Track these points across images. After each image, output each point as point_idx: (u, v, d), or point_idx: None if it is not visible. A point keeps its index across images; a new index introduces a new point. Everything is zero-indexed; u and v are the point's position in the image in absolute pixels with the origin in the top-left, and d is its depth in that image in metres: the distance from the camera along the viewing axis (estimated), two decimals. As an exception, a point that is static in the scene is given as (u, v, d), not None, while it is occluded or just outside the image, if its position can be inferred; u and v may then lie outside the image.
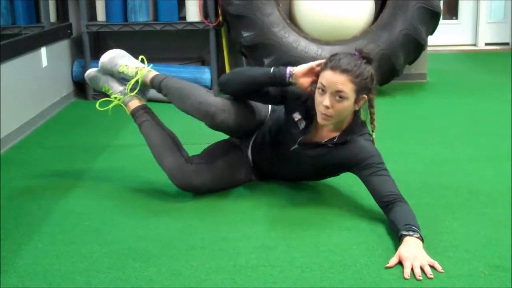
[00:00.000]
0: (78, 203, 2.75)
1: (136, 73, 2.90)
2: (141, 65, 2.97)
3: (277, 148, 2.77)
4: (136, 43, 5.12)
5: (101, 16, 4.98)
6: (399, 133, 3.82)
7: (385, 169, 2.51)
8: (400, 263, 2.12)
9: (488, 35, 7.33)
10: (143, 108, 2.91)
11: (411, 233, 2.20)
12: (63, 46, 4.79)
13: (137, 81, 2.89)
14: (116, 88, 2.96)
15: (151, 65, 2.99)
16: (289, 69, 2.58)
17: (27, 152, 3.57)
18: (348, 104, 2.48)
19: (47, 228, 2.48)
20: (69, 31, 4.87)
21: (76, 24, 4.98)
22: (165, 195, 2.80)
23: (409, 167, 3.13)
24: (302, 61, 4.65)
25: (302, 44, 4.66)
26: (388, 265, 2.12)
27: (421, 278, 2.03)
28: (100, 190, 2.90)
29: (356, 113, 2.59)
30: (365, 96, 2.52)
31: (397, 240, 2.24)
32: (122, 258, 2.20)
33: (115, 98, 2.93)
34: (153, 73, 2.92)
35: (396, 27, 4.66)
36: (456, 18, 7.41)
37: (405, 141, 3.64)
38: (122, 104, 2.93)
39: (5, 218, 2.57)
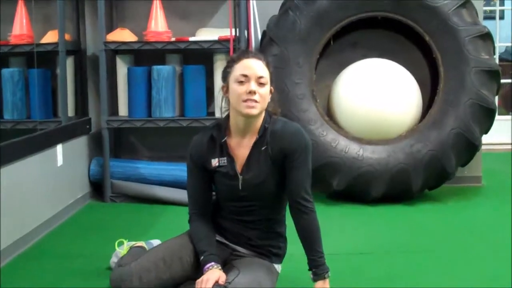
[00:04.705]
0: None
1: None
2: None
3: (232, 212, 2.68)
4: (159, 139, 4.88)
5: (123, 110, 4.68)
6: (452, 245, 3.50)
7: (306, 162, 2.54)
8: None
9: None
10: None
11: (322, 274, 2.49)
12: (80, 143, 4.53)
13: None
14: None
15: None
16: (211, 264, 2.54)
17: (38, 260, 3.31)
18: (267, 91, 2.53)
19: None
20: (88, 126, 4.62)
21: (95, 119, 4.73)
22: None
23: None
24: (341, 162, 4.32)
25: (342, 144, 4.35)
26: None
27: None
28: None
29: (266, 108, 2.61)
30: (273, 88, 2.58)
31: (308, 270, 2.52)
32: None
33: None
34: None
35: (446, 126, 4.37)
36: (513, 114, 7.01)
37: (458, 255, 3.32)
38: None
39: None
